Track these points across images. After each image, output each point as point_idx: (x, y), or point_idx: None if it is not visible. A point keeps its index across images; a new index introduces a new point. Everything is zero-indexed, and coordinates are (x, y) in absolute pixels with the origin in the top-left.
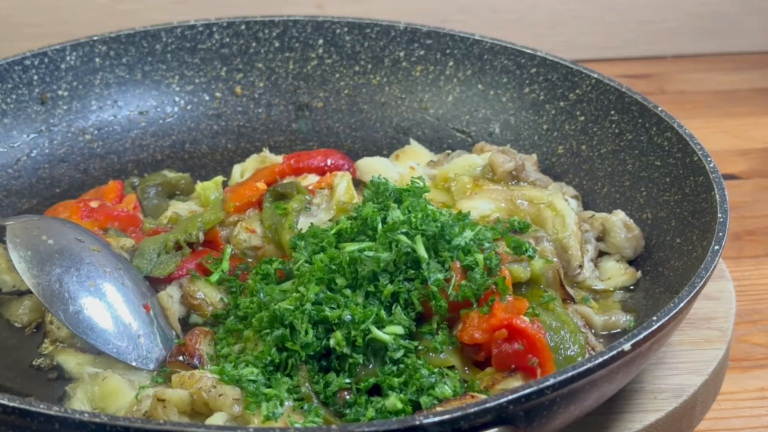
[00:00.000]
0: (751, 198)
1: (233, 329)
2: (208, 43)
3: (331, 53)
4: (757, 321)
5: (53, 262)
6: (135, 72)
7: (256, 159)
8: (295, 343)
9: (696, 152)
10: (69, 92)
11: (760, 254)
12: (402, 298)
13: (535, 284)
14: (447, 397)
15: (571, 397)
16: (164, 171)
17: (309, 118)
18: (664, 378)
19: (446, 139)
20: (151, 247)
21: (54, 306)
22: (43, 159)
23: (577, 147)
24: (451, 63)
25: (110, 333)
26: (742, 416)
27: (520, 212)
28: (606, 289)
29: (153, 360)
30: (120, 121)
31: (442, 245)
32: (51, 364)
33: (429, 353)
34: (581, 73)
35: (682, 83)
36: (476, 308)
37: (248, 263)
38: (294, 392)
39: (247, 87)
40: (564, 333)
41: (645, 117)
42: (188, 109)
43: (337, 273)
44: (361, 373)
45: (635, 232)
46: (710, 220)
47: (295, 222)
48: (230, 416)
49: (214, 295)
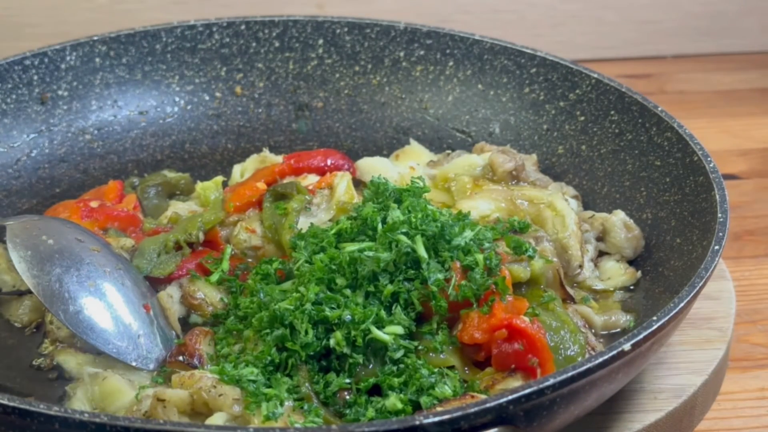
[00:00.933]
0: (751, 198)
1: (233, 329)
2: (208, 43)
3: (331, 53)
4: (757, 321)
5: (53, 262)
6: (135, 72)
7: (256, 159)
8: (295, 343)
9: (696, 152)
10: (69, 92)
11: (760, 254)
12: (402, 298)
13: (535, 284)
14: (447, 397)
15: (571, 397)
16: (164, 171)
17: (309, 118)
18: (664, 378)
19: (446, 139)
20: (151, 247)
21: (54, 306)
22: (43, 159)
23: (577, 147)
24: (451, 63)
25: (110, 333)
26: (742, 416)
27: (520, 212)
28: (606, 289)
29: (153, 360)
30: (120, 121)
31: (442, 245)
32: (51, 364)
33: (429, 353)
34: (581, 73)
35: (682, 83)
36: (476, 308)
37: (248, 263)
38: (294, 392)
39: (247, 87)
40: (564, 333)
41: (645, 117)
42: (188, 109)
43: (337, 273)
44: (361, 373)
45: (635, 232)
46: (710, 220)
47: (295, 222)
48: (230, 416)
49: (214, 295)
